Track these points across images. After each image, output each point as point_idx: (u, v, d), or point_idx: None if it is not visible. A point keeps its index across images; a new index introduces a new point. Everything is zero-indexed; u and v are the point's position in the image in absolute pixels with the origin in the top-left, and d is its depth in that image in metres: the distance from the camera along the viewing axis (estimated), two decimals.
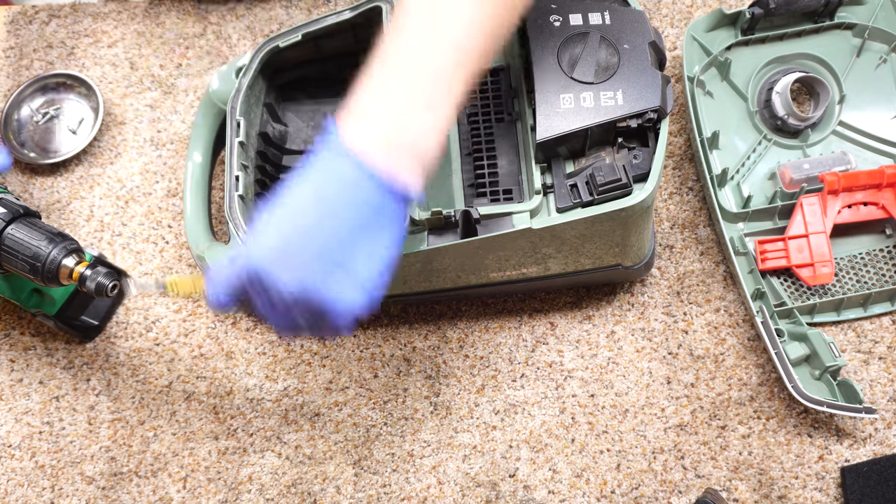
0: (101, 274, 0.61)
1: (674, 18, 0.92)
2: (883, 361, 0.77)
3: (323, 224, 0.47)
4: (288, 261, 0.47)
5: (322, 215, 0.47)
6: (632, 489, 0.75)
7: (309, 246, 0.47)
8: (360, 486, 0.76)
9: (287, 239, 0.47)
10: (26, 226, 0.63)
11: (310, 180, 0.48)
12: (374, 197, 0.47)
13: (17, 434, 0.80)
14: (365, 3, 0.72)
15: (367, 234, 0.48)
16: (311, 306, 0.48)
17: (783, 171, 0.79)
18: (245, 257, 0.48)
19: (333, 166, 0.47)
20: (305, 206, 0.47)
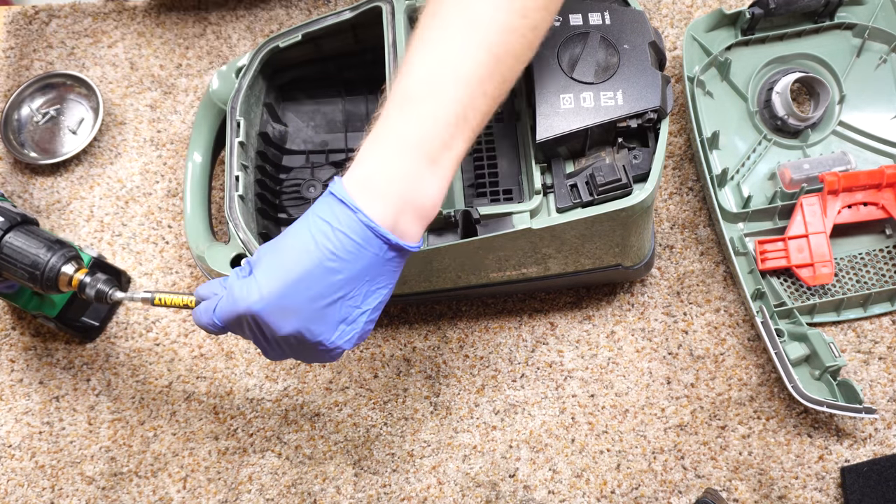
0: (100, 281, 0.61)
1: (674, 18, 0.92)
2: (883, 361, 0.77)
3: (320, 279, 0.47)
4: (281, 311, 0.47)
5: (320, 272, 0.47)
6: (632, 489, 0.75)
7: (304, 299, 0.47)
8: (360, 486, 0.76)
9: (283, 292, 0.47)
10: (24, 234, 0.63)
11: (310, 235, 0.47)
12: (376, 254, 0.48)
13: (17, 434, 0.80)
14: (365, 3, 0.72)
15: (364, 285, 0.49)
16: (301, 346, 0.50)
17: (783, 171, 0.79)
18: (236, 305, 0.48)
19: (336, 224, 0.47)
20: (304, 261, 0.47)
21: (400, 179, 0.47)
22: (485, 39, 0.47)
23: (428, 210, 0.49)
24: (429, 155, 0.47)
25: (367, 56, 0.79)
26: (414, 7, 0.70)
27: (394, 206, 0.47)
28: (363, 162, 0.48)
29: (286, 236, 0.48)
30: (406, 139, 0.47)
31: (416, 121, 0.47)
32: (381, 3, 0.70)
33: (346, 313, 0.49)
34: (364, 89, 0.84)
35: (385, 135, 0.48)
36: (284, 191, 0.80)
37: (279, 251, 0.48)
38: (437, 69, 0.47)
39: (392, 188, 0.47)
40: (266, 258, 0.48)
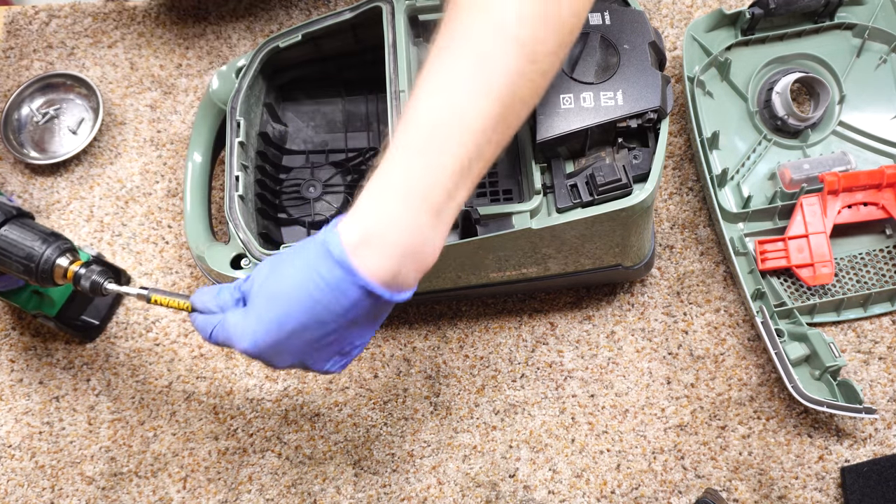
0: (95, 272, 0.61)
1: (674, 18, 0.92)
2: (883, 361, 0.77)
3: (313, 330, 0.48)
4: (275, 353, 0.49)
5: (314, 325, 0.47)
6: (632, 489, 0.75)
7: (296, 345, 0.48)
8: (360, 486, 0.76)
9: (276, 342, 0.48)
10: (19, 227, 0.63)
11: (306, 289, 0.46)
12: (370, 308, 0.47)
13: (17, 434, 0.80)
14: (365, 4, 0.72)
15: (356, 331, 0.50)
16: (297, 367, 0.52)
17: (783, 171, 0.79)
18: (231, 341, 0.49)
19: (334, 284, 0.46)
20: (299, 315, 0.47)
21: (403, 233, 0.46)
22: (494, 86, 0.46)
23: (428, 261, 0.48)
24: (433, 207, 0.46)
25: (367, 56, 0.79)
26: (414, 7, 0.70)
27: (395, 261, 0.46)
28: (365, 213, 0.46)
29: (282, 279, 0.48)
30: (410, 190, 0.46)
31: (421, 171, 0.46)
32: (381, 3, 0.70)
33: (337, 350, 0.51)
34: (364, 89, 0.84)
35: (388, 184, 0.46)
36: (284, 191, 0.81)
37: (274, 297, 0.48)
38: (444, 117, 0.46)
39: (395, 243, 0.46)
40: (261, 303, 0.48)
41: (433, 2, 0.70)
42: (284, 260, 0.48)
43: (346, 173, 0.80)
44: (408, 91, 0.67)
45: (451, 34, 0.47)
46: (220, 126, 0.79)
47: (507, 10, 0.46)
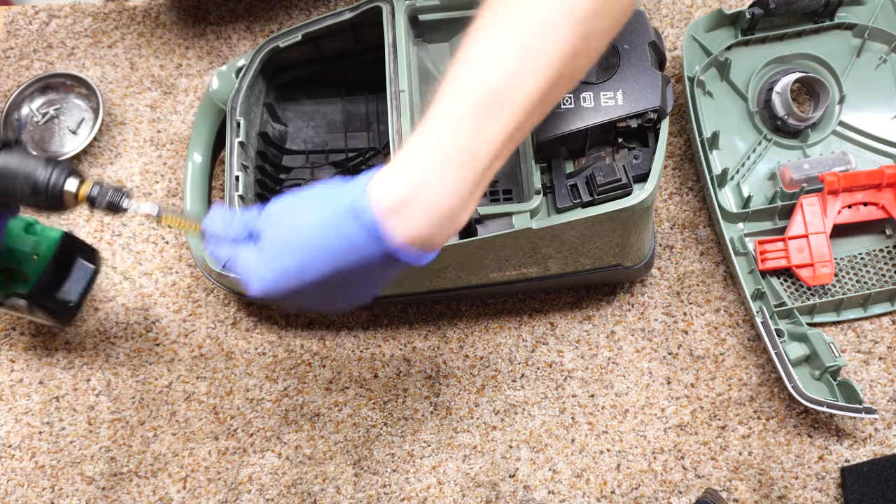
0: (110, 189, 0.57)
1: (674, 18, 0.92)
2: (883, 361, 0.77)
3: (326, 285, 0.47)
4: (282, 296, 0.48)
5: (328, 280, 0.46)
6: (632, 489, 0.75)
7: (305, 293, 0.47)
8: (360, 486, 0.76)
9: (285, 291, 0.47)
10: (18, 154, 0.58)
11: (325, 243, 0.45)
12: (390, 270, 0.47)
13: (17, 434, 0.80)
14: (365, 3, 0.72)
15: (371, 285, 0.49)
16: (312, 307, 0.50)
17: (783, 171, 0.79)
18: (241, 278, 0.48)
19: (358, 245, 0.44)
20: (313, 270, 0.46)
21: (445, 197, 0.44)
22: (548, 61, 0.45)
23: (459, 227, 0.47)
24: (477, 173, 0.45)
25: (366, 56, 0.79)
26: (414, 7, 0.70)
27: (432, 225, 0.45)
28: (405, 174, 0.44)
29: (301, 230, 0.46)
30: (457, 155, 0.44)
31: (469, 138, 0.44)
32: (381, 3, 0.70)
33: (344, 300, 0.50)
34: (364, 89, 0.84)
35: (434, 147, 0.45)
36: (284, 191, 0.80)
37: (291, 248, 0.46)
38: (498, 87, 0.45)
39: (435, 206, 0.44)
40: (276, 250, 0.47)
41: (433, 2, 0.70)
42: (304, 209, 0.46)
43: (346, 173, 0.80)
44: (408, 91, 0.67)
45: (508, 2, 0.46)
46: (220, 126, 0.79)
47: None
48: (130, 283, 0.85)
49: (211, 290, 0.84)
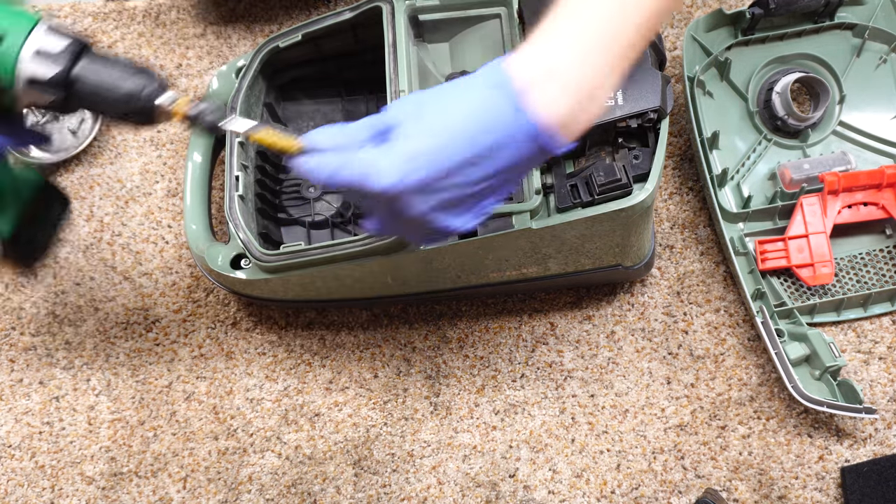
0: (212, 107, 0.51)
1: (674, 18, 0.92)
2: (883, 361, 0.77)
3: (464, 172, 0.43)
4: (415, 196, 0.44)
5: (467, 165, 0.43)
6: (632, 489, 0.75)
7: (441, 187, 0.44)
8: (360, 486, 0.76)
9: (423, 182, 0.43)
10: (101, 61, 0.51)
11: (464, 121, 0.43)
12: (528, 155, 0.44)
13: (17, 434, 0.80)
14: (365, 3, 0.71)
15: (502, 182, 0.45)
16: (417, 226, 0.46)
17: (783, 171, 0.79)
18: (367, 180, 0.44)
19: (499, 119, 0.42)
20: (453, 152, 0.43)
21: (589, 73, 0.43)
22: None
23: (596, 113, 0.44)
24: (615, 55, 0.43)
25: (366, 56, 0.79)
26: (414, 7, 0.70)
27: (575, 106, 0.43)
28: (549, 50, 0.43)
29: (440, 113, 0.44)
30: (603, 32, 0.43)
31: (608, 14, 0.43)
32: (381, 3, 0.70)
33: (473, 204, 0.46)
34: (364, 89, 0.84)
35: (572, 21, 0.43)
36: (284, 191, 0.81)
37: (428, 132, 0.43)
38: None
39: (578, 81, 0.42)
40: (414, 135, 0.44)
41: (433, 2, 0.70)
42: (442, 94, 0.44)
43: None
44: (408, 91, 0.67)
45: None
46: None
47: None
48: (130, 283, 0.85)
49: (211, 290, 0.84)
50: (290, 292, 0.75)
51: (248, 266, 0.71)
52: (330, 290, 0.75)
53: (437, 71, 0.73)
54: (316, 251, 0.66)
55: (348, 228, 0.78)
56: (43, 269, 0.85)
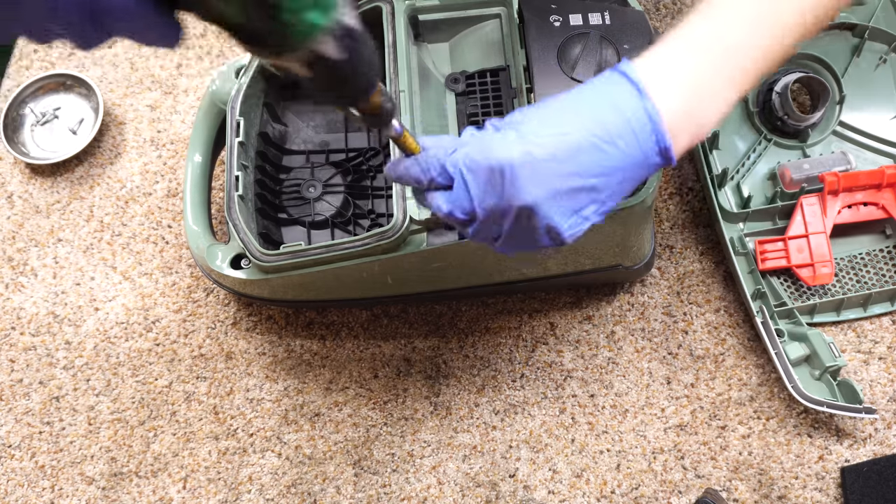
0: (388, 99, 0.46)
1: (674, 18, 0.92)
2: (883, 361, 0.77)
3: (583, 158, 0.43)
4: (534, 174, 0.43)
5: (587, 149, 0.43)
6: (632, 489, 0.75)
7: (560, 171, 0.43)
8: (360, 486, 0.76)
9: (547, 156, 0.43)
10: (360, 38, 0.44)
11: (588, 108, 0.43)
12: (644, 154, 0.44)
13: (17, 434, 0.80)
14: (365, 4, 0.71)
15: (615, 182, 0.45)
16: (523, 226, 0.45)
17: (783, 171, 0.79)
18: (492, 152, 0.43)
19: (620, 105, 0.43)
20: (576, 133, 0.43)
21: (705, 90, 0.44)
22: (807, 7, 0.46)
23: (702, 135, 0.45)
24: (736, 79, 0.44)
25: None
26: (414, 7, 0.70)
27: (687, 113, 0.43)
28: (670, 52, 0.44)
29: (557, 100, 0.44)
30: (726, 52, 0.44)
31: (747, 38, 0.44)
32: (381, 3, 0.70)
33: (583, 204, 0.45)
34: None
35: (706, 35, 0.44)
36: (284, 191, 0.80)
37: (551, 114, 0.44)
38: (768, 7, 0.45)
39: (694, 94, 0.43)
40: (534, 119, 0.44)
41: (433, 2, 0.70)
42: (562, 95, 0.45)
43: (346, 173, 0.80)
44: (408, 91, 0.67)
45: None
46: (220, 126, 0.79)
47: None
48: (130, 283, 0.85)
49: (211, 290, 0.84)
50: (290, 292, 0.75)
51: (248, 266, 0.71)
52: (330, 290, 0.75)
53: (437, 71, 0.73)
54: (316, 251, 0.66)
55: (348, 228, 0.78)
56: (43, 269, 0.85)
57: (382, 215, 0.79)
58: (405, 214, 0.64)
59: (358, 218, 0.79)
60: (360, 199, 0.79)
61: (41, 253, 0.86)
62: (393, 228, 0.64)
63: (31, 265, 0.86)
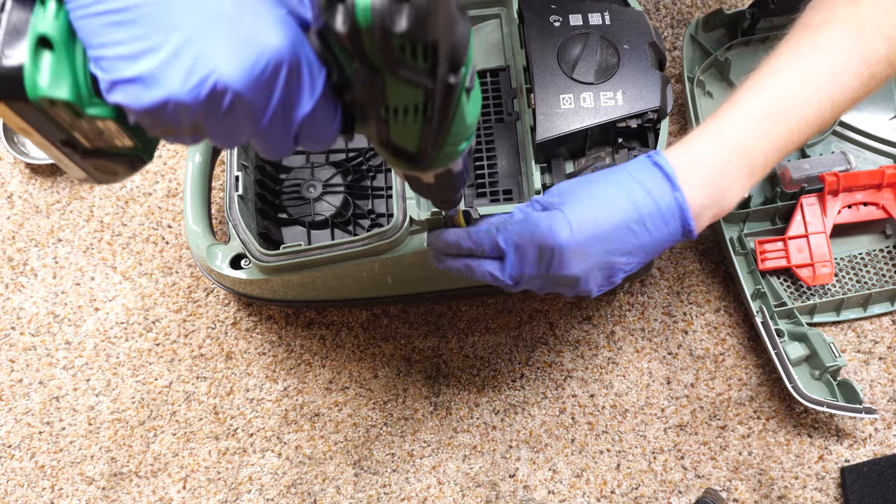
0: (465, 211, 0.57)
1: (674, 18, 0.92)
2: (883, 361, 0.77)
3: (620, 238, 0.50)
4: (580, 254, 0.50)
5: (623, 231, 0.50)
6: (632, 489, 0.75)
7: (601, 250, 0.50)
8: (360, 486, 0.76)
9: (590, 239, 0.49)
10: None
11: (625, 195, 0.49)
12: (670, 234, 0.50)
13: (17, 434, 0.80)
14: None
15: (643, 254, 0.51)
16: (565, 285, 0.52)
17: (783, 171, 0.79)
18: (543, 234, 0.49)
19: (653, 195, 0.49)
20: (614, 217, 0.49)
21: (725, 179, 0.50)
22: (836, 90, 0.51)
23: (722, 214, 0.52)
24: (753, 170, 0.51)
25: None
26: None
27: (710, 198, 0.50)
28: (697, 147, 0.50)
29: (597, 184, 0.51)
30: (740, 149, 0.50)
31: (752, 139, 0.51)
32: None
33: (613, 273, 0.52)
34: None
35: (727, 134, 0.51)
36: (284, 191, 0.80)
37: (592, 198, 0.50)
38: (787, 106, 0.51)
39: (716, 183, 0.50)
40: (577, 202, 0.50)
41: None
42: (599, 177, 0.51)
43: (346, 173, 0.80)
44: None
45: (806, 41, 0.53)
46: None
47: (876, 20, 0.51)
48: (130, 283, 0.85)
49: (211, 290, 0.84)
50: (290, 292, 0.75)
51: (248, 266, 0.71)
52: (330, 290, 0.75)
53: None
54: (316, 251, 0.66)
55: (348, 228, 0.78)
56: (43, 269, 0.85)
57: (382, 215, 0.79)
58: (405, 214, 0.64)
59: (358, 218, 0.79)
60: (360, 199, 0.79)
61: (41, 253, 0.86)
62: (393, 228, 0.64)
63: (31, 265, 0.86)
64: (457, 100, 0.34)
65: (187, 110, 0.30)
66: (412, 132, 0.35)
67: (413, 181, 0.45)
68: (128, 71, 0.29)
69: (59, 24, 0.31)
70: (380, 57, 0.30)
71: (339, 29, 0.28)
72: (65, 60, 0.31)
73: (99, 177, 0.39)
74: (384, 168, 0.81)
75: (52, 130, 0.34)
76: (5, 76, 0.30)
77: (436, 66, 0.30)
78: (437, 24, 0.28)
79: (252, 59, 0.30)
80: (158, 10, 0.29)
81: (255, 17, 0.30)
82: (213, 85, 0.29)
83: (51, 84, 0.31)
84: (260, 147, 0.36)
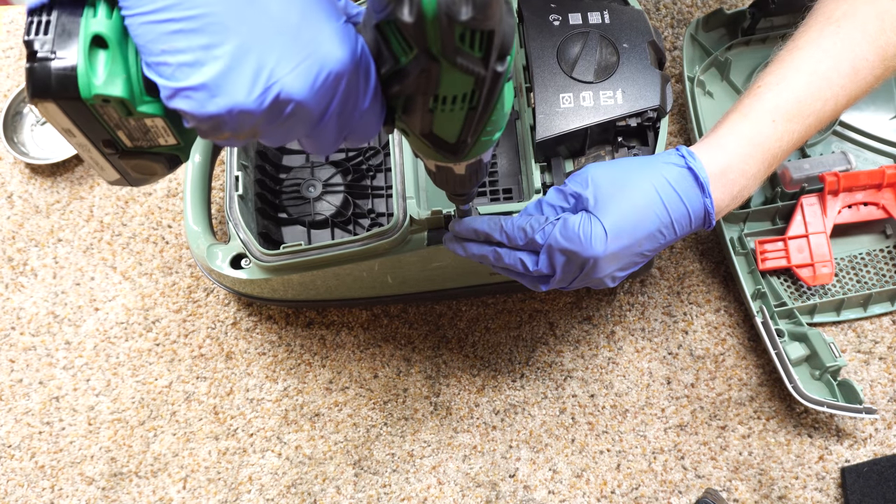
0: None
1: (674, 18, 0.92)
2: (883, 361, 0.77)
3: (651, 241, 0.51)
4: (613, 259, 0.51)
5: (654, 235, 0.51)
6: (632, 489, 0.75)
7: (632, 253, 0.51)
8: (360, 486, 0.76)
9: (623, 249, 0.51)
10: None
11: (659, 199, 0.51)
12: (692, 230, 0.53)
13: (17, 434, 0.80)
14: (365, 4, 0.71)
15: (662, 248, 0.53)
16: (591, 279, 0.53)
17: (783, 171, 0.79)
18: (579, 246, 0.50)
19: (685, 200, 0.51)
20: (648, 223, 0.51)
21: (747, 179, 0.53)
22: (853, 85, 0.53)
23: (730, 210, 0.54)
24: (770, 168, 0.54)
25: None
26: None
27: (732, 198, 0.53)
28: (726, 151, 0.52)
29: (631, 187, 0.51)
30: (757, 145, 0.53)
31: (783, 136, 0.53)
32: None
33: (634, 268, 0.54)
34: None
35: (754, 135, 0.53)
36: (284, 191, 0.81)
37: (628, 203, 0.51)
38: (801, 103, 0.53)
39: (740, 183, 0.52)
40: (613, 207, 0.51)
41: None
42: (635, 175, 0.52)
43: (346, 173, 0.80)
44: None
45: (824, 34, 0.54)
46: None
47: None
48: (130, 283, 0.85)
49: (211, 290, 0.84)
50: (290, 292, 0.75)
51: (248, 266, 0.71)
52: (330, 289, 0.75)
53: None
54: (316, 251, 0.66)
55: (348, 228, 0.78)
56: (43, 269, 0.85)
57: (382, 215, 0.79)
58: (405, 214, 0.64)
59: (358, 217, 0.79)
60: (360, 198, 0.79)
61: (41, 253, 0.86)
62: (393, 228, 0.64)
63: (31, 265, 0.86)
64: (501, 88, 0.36)
65: (250, 117, 0.31)
66: (456, 121, 0.37)
67: (441, 173, 0.46)
68: (192, 79, 0.30)
69: (112, 24, 0.32)
70: (440, 45, 0.31)
71: (407, 19, 0.30)
72: (119, 59, 0.32)
73: (135, 177, 0.41)
74: (384, 167, 0.81)
75: (98, 129, 0.35)
76: (58, 76, 0.32)
77: (489, 54, 0.32)
78: (494, 13, 0.30)
79: (315, 71, 0.31)
80: (225, 20, 0.30)
81: (318, 28, 0.32)
82: (277, 94, 0.31)
83: (106, 82, 0.32)
84: (307, 145, 0.37)
